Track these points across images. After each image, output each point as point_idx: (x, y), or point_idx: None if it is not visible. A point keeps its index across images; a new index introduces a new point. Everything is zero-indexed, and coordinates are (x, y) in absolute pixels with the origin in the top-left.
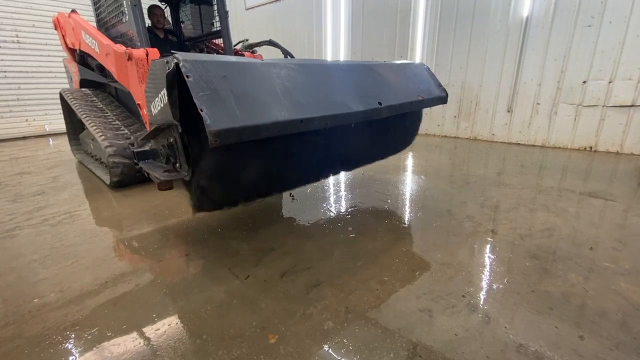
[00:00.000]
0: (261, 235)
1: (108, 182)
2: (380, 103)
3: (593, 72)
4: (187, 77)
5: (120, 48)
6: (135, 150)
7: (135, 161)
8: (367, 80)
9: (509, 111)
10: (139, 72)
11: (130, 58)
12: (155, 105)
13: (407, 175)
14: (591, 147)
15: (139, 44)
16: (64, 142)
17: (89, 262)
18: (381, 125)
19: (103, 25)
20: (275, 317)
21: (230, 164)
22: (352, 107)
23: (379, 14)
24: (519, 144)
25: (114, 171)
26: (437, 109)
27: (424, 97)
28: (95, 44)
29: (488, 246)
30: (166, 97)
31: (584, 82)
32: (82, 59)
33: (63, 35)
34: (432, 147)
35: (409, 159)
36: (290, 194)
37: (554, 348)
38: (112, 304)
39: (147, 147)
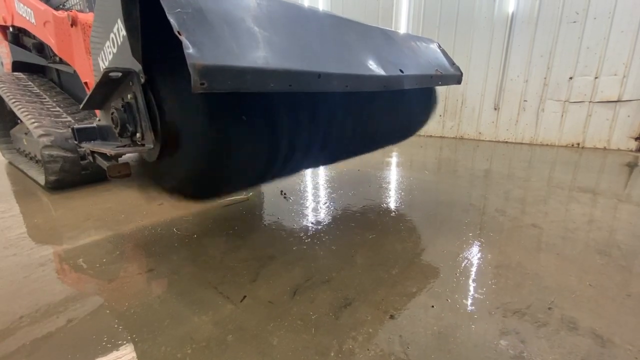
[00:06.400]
0: (253, 241)
1: (43, 182)
2: (401, 71)
3: (579, 68)
4: None
5: (62, 13)
6: (75, 127)
7: (76, 142)
8: (385, 45)
9: (495, 109)
10: (86, 42)
11: (74, 23)
12: (106, 54)
13: (407, 171)
14: (579, 144)
15: (87, 9)
16: None
17: (1, 288)
18: (397, 101)
19: None
20: None
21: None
22: (375, 70)
23: (360, 12)
24: (506, 142)
25: (51, 167)
26: None
27: (442, 73)
28: (30, 13)
29: (540, 242)
30: (123, 29)
31: (570, 78)
32: (15, 38)
33: None
34: (419, 147)
35: (399, 157)
36: (282, 191)
37: None
38: (24, 355)
39: (93, 124)
